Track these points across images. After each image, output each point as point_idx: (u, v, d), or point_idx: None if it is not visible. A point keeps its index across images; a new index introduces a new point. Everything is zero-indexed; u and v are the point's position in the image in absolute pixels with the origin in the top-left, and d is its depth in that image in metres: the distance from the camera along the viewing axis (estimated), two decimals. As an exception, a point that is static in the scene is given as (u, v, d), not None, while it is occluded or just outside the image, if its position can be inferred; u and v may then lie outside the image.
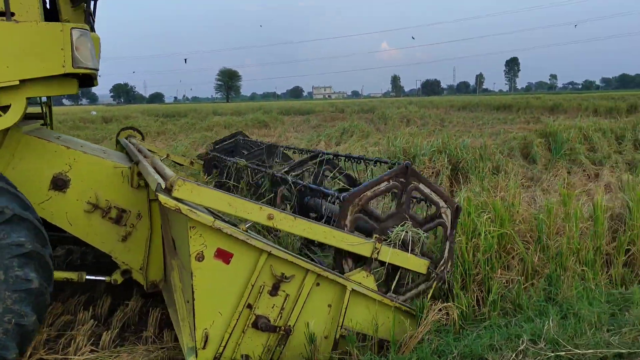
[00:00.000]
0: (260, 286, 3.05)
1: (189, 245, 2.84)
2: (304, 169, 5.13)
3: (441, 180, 8.58)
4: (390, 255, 3.42)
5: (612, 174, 9.62)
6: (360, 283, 3.32)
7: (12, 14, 3.47)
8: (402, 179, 3.54)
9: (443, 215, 3.68)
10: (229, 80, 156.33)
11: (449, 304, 3.54)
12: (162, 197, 2.77)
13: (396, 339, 3.34)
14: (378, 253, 3.39)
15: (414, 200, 4.48)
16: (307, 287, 3.16)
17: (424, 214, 4.18)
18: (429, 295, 3.65)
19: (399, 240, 3.47)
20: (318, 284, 3.21)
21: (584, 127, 13.39)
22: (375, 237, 3.41)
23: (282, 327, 3.14)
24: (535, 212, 5.00)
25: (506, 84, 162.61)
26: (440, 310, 3.45)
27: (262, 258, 3.00)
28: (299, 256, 3.17)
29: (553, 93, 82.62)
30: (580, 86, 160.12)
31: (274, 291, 3.09)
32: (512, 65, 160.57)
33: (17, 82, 3.40)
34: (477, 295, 3.97)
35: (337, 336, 3.28)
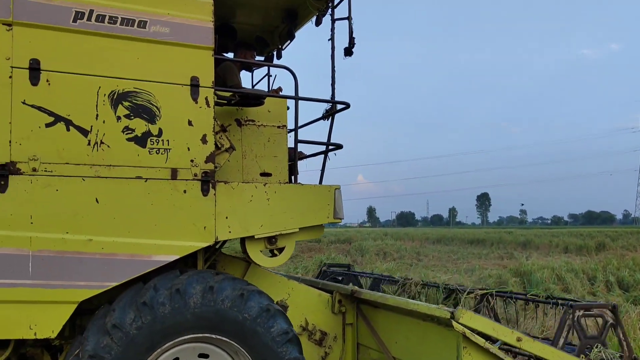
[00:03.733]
0: None
1: None
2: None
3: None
4: None
5: (587, 317, 9.65)
6: None
7: (269, 174, 4.60)
8: (573, 312, 4.14)
9: (609, 319, 4.25)
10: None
11: None
12: (455, 324, 3.54)
13: None
14: None
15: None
16: None
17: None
18: None
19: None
20: None
21: (556, 267, 13.69)
22: (583, 356, 3.99)
23: None
24: None
25: (478, 217, 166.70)
26: None
27: None
28: None
29: (524, 227, 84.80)
30: (549, 221, 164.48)
31: None
32: (483, 200, 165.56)
33: (297, 230, 4.24)
34: None
35: None
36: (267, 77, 5.95)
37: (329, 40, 4.90)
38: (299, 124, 4.55)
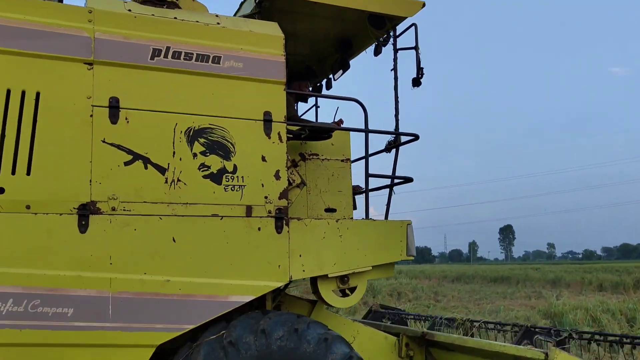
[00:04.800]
0: None
1: None
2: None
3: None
4: None
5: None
6: None
7: (334, 210, 4.56)
8: None
9: None
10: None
11: None
12: None
13: None
14: None
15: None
16: None
17: None
18: None
19: None
20: None
21: (590, 307, 12.44)
22: None
23: None
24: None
25: (502, 252, 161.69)
26: None
27: None
28: None
29: (552, 263, 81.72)
30: (580, 255, 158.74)
31: None
32: (507, 233, 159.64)
33: (370, 268, 4.18)
34: None
35: None
36: (315, 108, 5.93)
37: (391, 70, 4.81)
38: (359, 157, 4.58)
